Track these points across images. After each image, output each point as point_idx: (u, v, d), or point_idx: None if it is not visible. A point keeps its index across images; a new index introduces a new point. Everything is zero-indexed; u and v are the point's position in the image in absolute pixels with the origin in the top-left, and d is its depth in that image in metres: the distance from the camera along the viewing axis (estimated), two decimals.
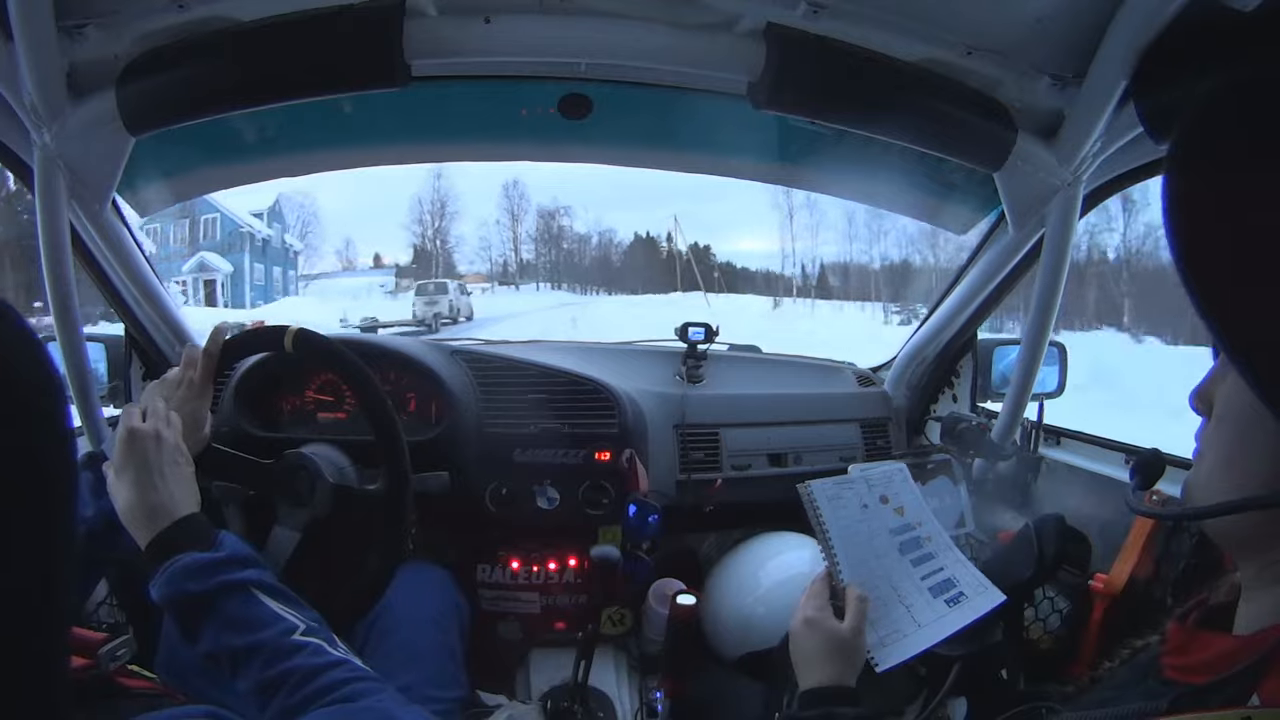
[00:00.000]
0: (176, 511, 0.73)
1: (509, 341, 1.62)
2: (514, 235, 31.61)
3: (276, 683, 0.64)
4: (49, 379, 0.35)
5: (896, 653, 0.78)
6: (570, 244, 32.72)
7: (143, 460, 0.74)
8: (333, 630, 0.73)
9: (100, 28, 0.91)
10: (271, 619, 0.67)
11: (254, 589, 0.69)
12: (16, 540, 0.32)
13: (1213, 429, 0.48)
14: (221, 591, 0.68)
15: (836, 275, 27.69)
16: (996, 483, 1.36)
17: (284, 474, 1.00)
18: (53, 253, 1.02)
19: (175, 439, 0.79)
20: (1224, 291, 0.38)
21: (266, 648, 0.66)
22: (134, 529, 0.73)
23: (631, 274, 32.09)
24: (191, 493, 0.77)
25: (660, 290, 29.25)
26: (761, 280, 30.24)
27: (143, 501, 0.73)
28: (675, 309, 17.70)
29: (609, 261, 33.28)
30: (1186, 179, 0.40)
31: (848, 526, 0.84)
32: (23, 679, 0.33)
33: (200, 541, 0.71)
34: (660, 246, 32.66)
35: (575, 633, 1.28)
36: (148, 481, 0.74)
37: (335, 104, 1.15)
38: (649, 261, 32.58)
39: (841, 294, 26.73)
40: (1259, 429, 0.42)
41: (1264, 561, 0.46)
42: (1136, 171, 1.12)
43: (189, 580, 0.68)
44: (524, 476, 1.31)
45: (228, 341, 0.95)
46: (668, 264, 31.68)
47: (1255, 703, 0.40)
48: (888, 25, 0.98)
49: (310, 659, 0.65)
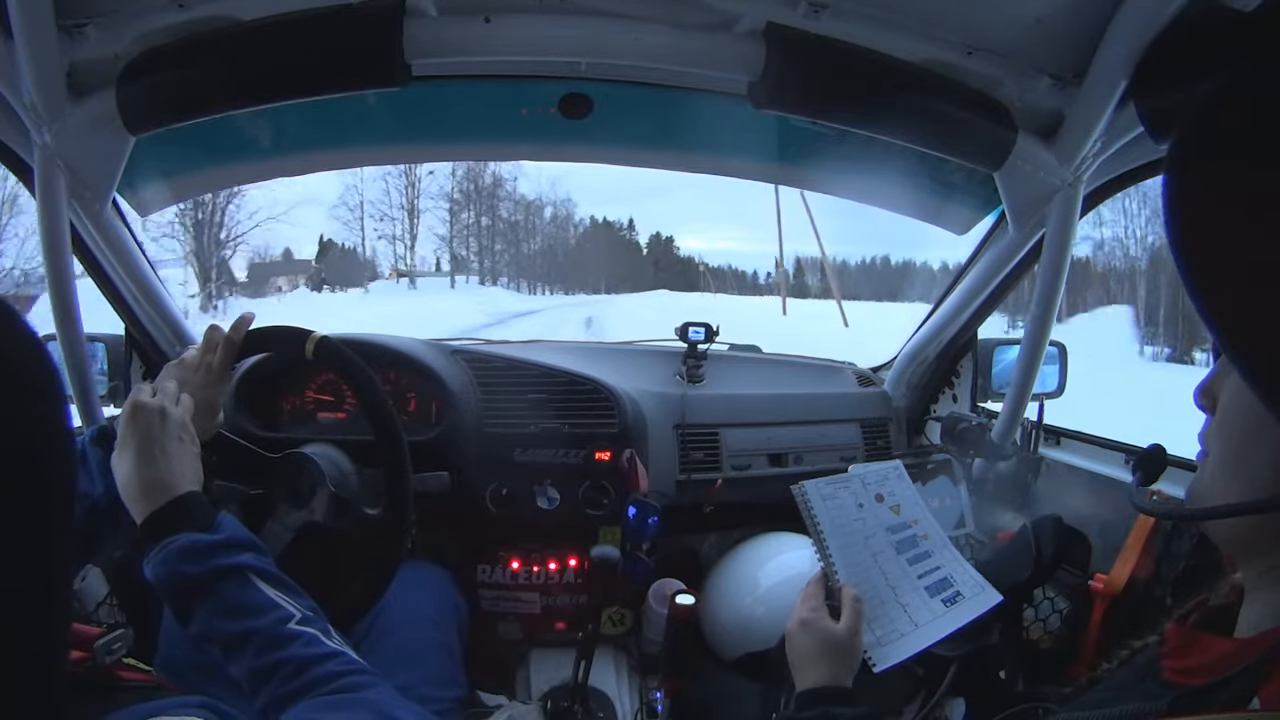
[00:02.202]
0: (176, 488, 0.71)
1: (509, 341, 1.62)
2: (410, 201, 22.96)
3: (269, 671, 0.63)
4: (49, 379, 0.35)
5: (894, 653, 0.78)
6: (511, 215, 25.96)
7: (145, 434, 0.72)
8: (335, 630, 0.72)
9: (100, 27, 0.91)
10: (268, 606, 0.66)
11: (251, 574, 0.67)
12: (16, 539, 0.32)
13: (1216, 427, 0.48)
14: (218, 575, 0.66)
15: (814, 272, 26.73)
16: (996, 483, 1.36)
17: (287, 471, 1.00)
18: (53, 252, 1.02)
19: (182, 416, 0.77)
20: (1224, 291, 0.38)
21: (261, 635, 0.64)
22: (131, 504, 0.71)
23: (591, 266, 27.04)
24: (194, 471, 0.75)
25: (629, 287, 25.77)
26: (732, 278, 28.57)
27: (141, 476, 0.71)
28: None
29: (564, 246, 26.93)
30: (1186, 179, 0.39)
31: (843, 526, 0.84)
32: (23, 677, 0.33)
33: (198, 521, 0.69)
34: (621, 233, 28.04)
35: (575, 633, 1.28)
36: (148, 455, 0.71)
37: (335, 104, 1.15)
38: (612, 253, 27.78)
39: (819, 292, 25.84)
40: (1262, 430, 0.42)
41: (1266, 565, 0.46)
42: (1136, 171, 1.12)
43: (185, 562, 0.66)
44: (524, 476, 1.31)
45: (251, 332, 0.93)
46: (632, 254, 27.69)
47: (1256, 706, 0.40)
48: (888, 25, 0.98)
49: (305, 649, 0.64)
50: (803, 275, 27.89)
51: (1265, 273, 0.37)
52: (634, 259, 28.63)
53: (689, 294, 25.11)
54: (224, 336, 0.91)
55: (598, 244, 27.85)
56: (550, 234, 26.98)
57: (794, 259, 27.29)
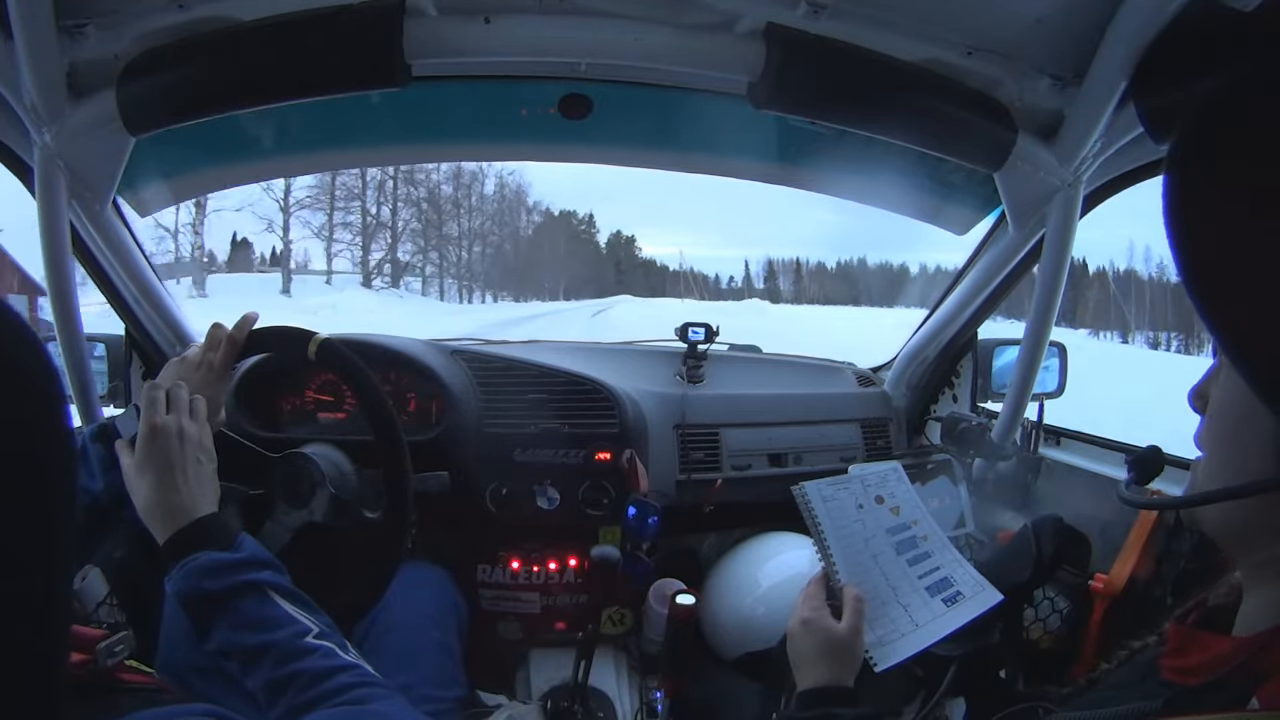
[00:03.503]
0: (197, 511, 0.73)
1: (509, 341, 1.62)
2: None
3: (285, 682, 0.64)
4: (49, 379, 0.35)
5: (895, 653, 0.78)
6: (447, 201, 19.40)
7: (165, 461, 0.74)
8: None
9: (100, 28, 0.91)
10: (286, 620, 0.68)
11: (270, 590, 0.69)
12: (16, 541, 0.32)
13: (1208, 427, 0.48)
14: (238, 590, 0.68)
15: (786, 275, 25.63)
16: (996, 483, 1.36)
17: (286, 471, 1.00)
18: (53, 253, 1.02)
19: (199, 434, 0.78)
20: (1224, 291, 0.38)
21: (278, 648, 0.66)
22: (153, 526, 0.73)
23: (548, 265, 21.69)
24: (213, 490, 0.77)
25: (591, 291, 21.47)
26: (694, 281, 26.71)
27: (164, 502, 0.73)
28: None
29: (514, 238, 19.69)
30: (1186, 179, 0.39)
31: (843, 527, 0.84)
32: (23, 680, 0.33)
33: (220, 541, 0.71)
34: (580, 228, 23.46)
35: (575, 633, 1.28)
36: (170, 483, 0.73)
37: (335, 104, 1.15)
38: (571, 251, 22.16)
39: (791, 297, 24.72)
40: (1252, 423, 0.42)
41: (1261, 558, 0.46)
42: (1136, 171, 1.12)
43: (206, 578, 0.68)
44: (524, 476, 1.31)
45: (254, 331, 0.94)
46: (592, 254, 23.41)
47: (1254, 706, 0.40)
48: (888, 25, 0.98)
49: (321, 661, 0.65)
50: (775, 279, 27.12)
51: (1265, 273, 0.37)
52: (596, 259, 24.88)
53: (654, 299, 22.37)
54: (227, 335, 0.92)
55: (556, 239, 22.34)
56: (494, 221, 19.27)
57: (764, 263, 26.42)
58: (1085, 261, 23.77)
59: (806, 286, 21.97)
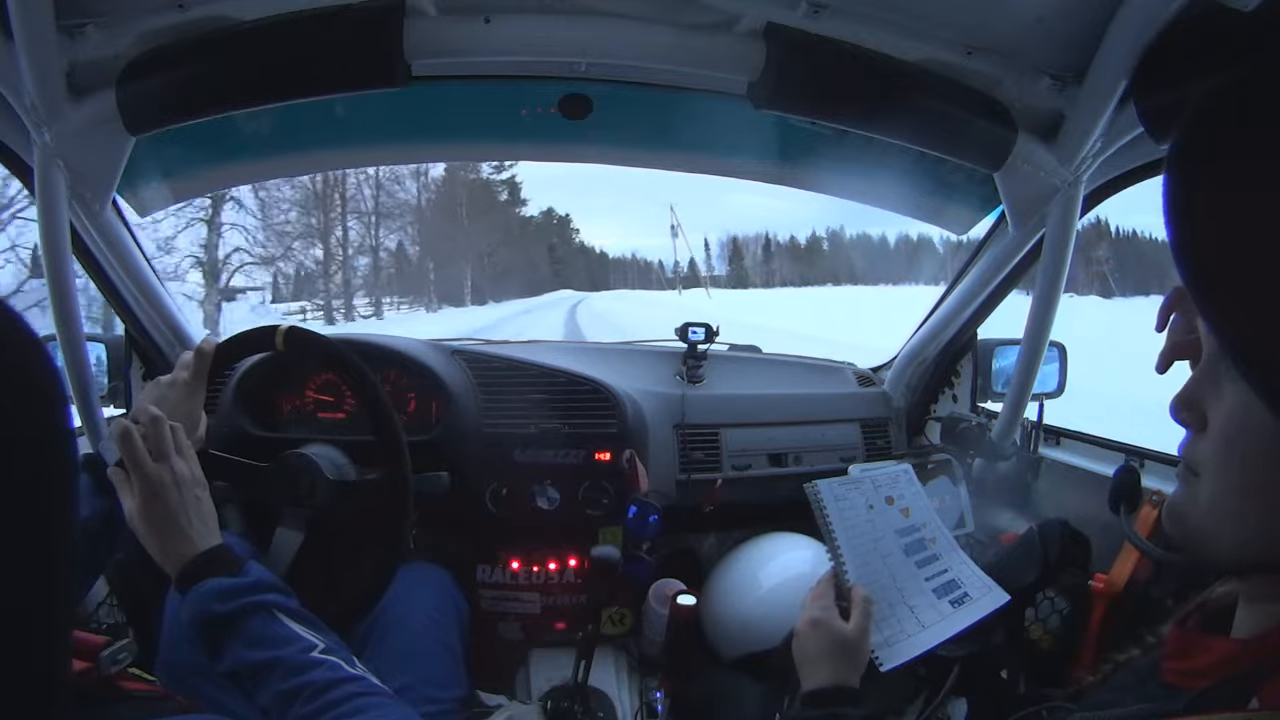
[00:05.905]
0: (202, 545, 0.75)
1: (509, 341, 1.62)
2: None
3: (293, 694, 0.66)
4: (49, 380, 0.35)
5: (901, 653, 0.78)
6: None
7: (168, 513, 0.75)
8: (335, 629, 0.74)
9: (100, 27, 0.91)
10: (293, 637, 0.70)
11: (276, 611, 0.72)
12: (16, 543, 0.32)
13: (1215, 450, 0.43)
14: (245, 611, 0.71)
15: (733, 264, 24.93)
16: (996, 483, 1.36)
17: (281, 475, 1.00)
18: (53, 253, 1.02)
19: (190, 471, 0.79)
20: (1225, 292, 0.38)
21: (286, 662, 0.68)
22: (166, 568, 0.76)
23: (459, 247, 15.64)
24: (214, 520, 0.79)
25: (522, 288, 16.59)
26: (635, 269, 25.34)
27: (175, 548, 0.75)
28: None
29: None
30: (1186, 179, 0.39)
31: (854, 527, 0.84)
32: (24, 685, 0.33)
33: (228, 569, 0.74)
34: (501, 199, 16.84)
35: (575, 633, 1.28)
36: (176, 529, 0.75)
37: (335, 104, 1.15)
38: (492, 229, 16.15)
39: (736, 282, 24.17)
40: (1275, 444, 0.39)
41: (1269, 581, 0.44)
42: (1136, 171, 1.12)
43: (215, 601, 0.71)
44: (524, 476, 1.31)
45: (220, 345, 0.96)
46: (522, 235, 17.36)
47: (1254, 705, 0.40)
48: (888, 25, 0.98)
49: (328, 673, 0.67)
50: (740, 260, 26.18)
51: (1266, 272, 0.37)
52: (524, 242, 18.05)
53: (599, 294, 19.15)
54: (195, 347, 0.94)
55: (474, 209, 15.10)
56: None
57: (704, 247, 25.43)
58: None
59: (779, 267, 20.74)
